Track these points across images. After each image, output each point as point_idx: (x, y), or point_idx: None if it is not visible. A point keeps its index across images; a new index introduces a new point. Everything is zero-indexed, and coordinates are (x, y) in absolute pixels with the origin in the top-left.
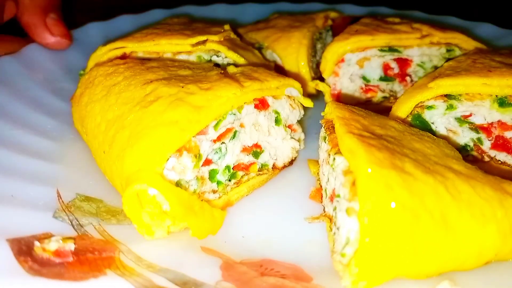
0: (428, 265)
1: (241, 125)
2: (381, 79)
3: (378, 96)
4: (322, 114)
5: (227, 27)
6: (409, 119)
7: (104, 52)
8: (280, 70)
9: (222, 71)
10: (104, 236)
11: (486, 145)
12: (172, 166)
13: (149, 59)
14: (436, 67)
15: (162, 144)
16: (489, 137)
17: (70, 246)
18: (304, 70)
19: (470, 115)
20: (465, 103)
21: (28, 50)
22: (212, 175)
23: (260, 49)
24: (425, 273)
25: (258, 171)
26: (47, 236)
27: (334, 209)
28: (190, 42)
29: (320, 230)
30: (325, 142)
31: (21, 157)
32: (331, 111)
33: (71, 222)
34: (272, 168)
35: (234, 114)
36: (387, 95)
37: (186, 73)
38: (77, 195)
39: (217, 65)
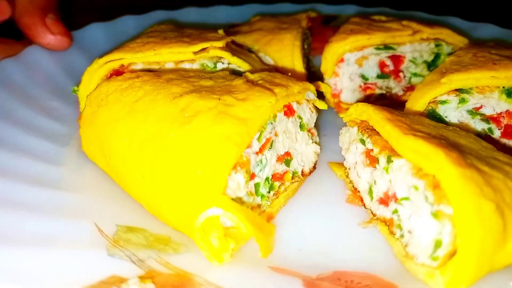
0: (508, 257)
1: (276, 134)
2: (378, 76)
3: (376, 93)
4: (342, 115)
5: (221, 31)
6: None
7: (100, 65)
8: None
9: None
10: (171, 269)
11: (496, 134)
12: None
13: (158, 71)
14: (426, 62)
15: (221, 162)
16: (499, 126)
17: (150, 287)
18: (300, 72)
19: (481, 107)
20: (476, 96)
21: (29, 52)
22: (256, 188)
23: (250, 52)
24: (505, 264)
25: (292, 179)
26: (120, 280)
27: (394, 212)
28: (193, 50)
29: (370, 234)
30: (363, 144)
31: (42, 191)
32: (361, 112)
33: (130, 259)
34: (301, 174)
35: (271, 124)
36: (384, 91)
37: (209, 83)
38: (118, 226)
39: (233, 72)
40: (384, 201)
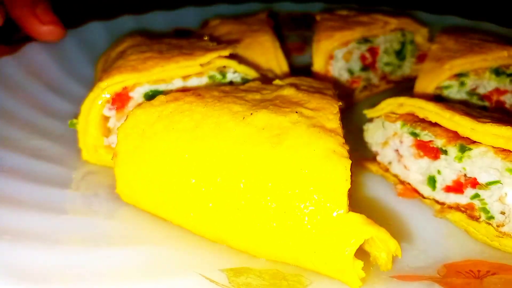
0: None
1: None
2: (361, 69)
3: (360, 86)
4: (365, 112)
5: (206, 38)
6: None
7: (103, 90)
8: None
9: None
10: None
11: (489, 109)
12: None
13: (192, 89)
14: (395, 51)
15: (341, 179)
16: (490, 102)
17: None
18: (286, 72)
19: (476, 87)
20: (471, 78)
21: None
22: None
23: None
24: None
25: None
26: None
27: (474, 197)
28: (201, 62)
29: (436, 222)
30: (415, 137)
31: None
32: (397, 106)
33: None
34: None
35: None
36: (366, 83)
37: (258, 96)
38: (224, 271)
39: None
40: (456, 188)
